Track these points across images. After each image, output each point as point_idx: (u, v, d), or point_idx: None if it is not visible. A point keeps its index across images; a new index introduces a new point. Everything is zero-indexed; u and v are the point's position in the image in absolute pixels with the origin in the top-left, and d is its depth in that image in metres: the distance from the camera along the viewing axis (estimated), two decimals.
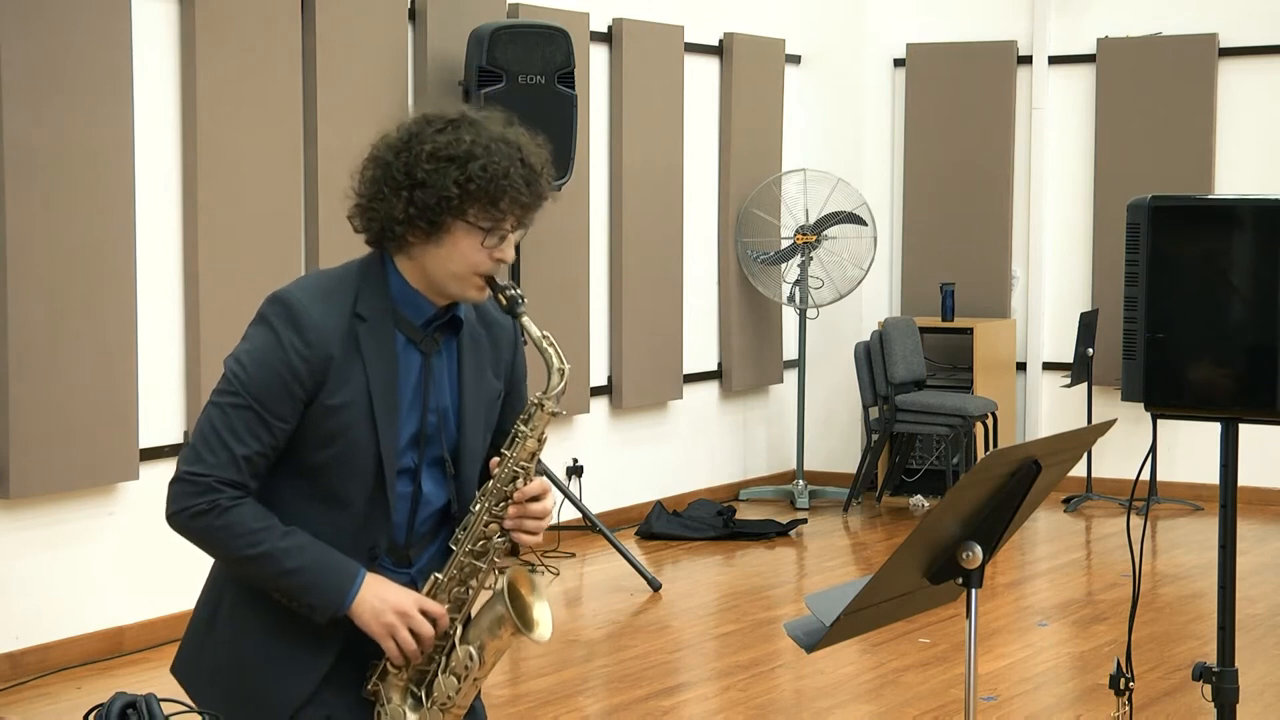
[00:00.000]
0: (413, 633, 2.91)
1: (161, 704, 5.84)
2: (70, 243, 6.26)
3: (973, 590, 3.24)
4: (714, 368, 9.71)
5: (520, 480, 2.93)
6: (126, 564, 6.59)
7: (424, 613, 2.92)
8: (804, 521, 9.13)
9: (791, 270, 9.73)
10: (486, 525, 2.94)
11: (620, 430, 8.98)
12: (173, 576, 6.73)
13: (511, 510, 2.93)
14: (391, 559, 2.98)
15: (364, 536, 2.93)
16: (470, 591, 2.98)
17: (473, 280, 2.90)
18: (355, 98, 7.28)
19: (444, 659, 2.96)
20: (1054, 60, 10.02)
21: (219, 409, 2.87)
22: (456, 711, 2.98)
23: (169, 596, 6.72)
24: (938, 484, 9.55)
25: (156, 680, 6.14)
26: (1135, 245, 3.99)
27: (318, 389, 2.86)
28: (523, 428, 2.94)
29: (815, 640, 3.24)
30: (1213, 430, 4.02)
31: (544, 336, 2.92)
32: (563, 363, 2.94)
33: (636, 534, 8.77)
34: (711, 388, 9.71)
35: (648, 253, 9.05)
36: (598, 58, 8.74)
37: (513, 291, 2.91)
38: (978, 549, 3.20)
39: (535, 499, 2.94)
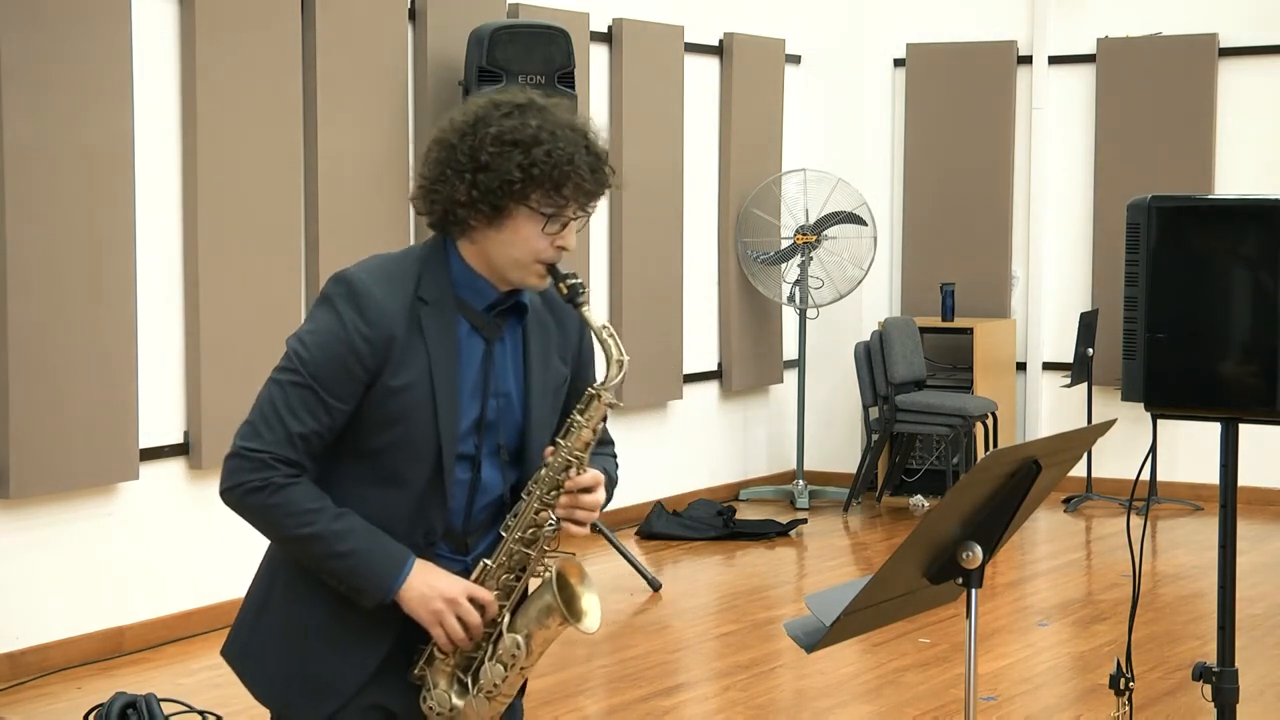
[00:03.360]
0: (461, 620, 2.90)
1: (161, 704, 5.84)
2: (70, 243, 6.26)
3: (973, 590, 3.25)
4: (714, 368, 9.71)
5: (573, 469, 2.93)
6: (126, 564, 6.58)
7: (472, 600, 2.91)
8: (804, 521, 9.14)
9: (791, 270, 9.73)
10: (537, 513, 2.94)
11: (620, 430, 8.93)
12: (173, 576, 6.74)
13: (563, 499, 2.93)
14: (449, 545, 2.97)
15: (420, 520, 2.92)
16: (519, 579, 2.96)
17: (534, 267, 2.90)
18: (355, 98, 7.28)
19: (491, 646, 2.95)
20: (1054, 60, 10.02)
21: (279, 386, 2.86)
22: (501, 700, 2.97)
23: (169, 596, 6.72)
24: (938, 484, 9.55)
25: (156, 680, 6.14)
26: (1135, 245, 3.99)
27: (379, 370, 2.85)
28: (578, 417, 2.94)
29: (815, 640, 3.24)
30: (1213, 430, 4.02)
31: (604, 327, 2.93)
32: (622, 354, 2.94)
33: (636, 534, 8.78)
34: (711, 388, 9.71)
35: (648, 253, 9.05)
36: (598, 58, 8.74)
37: (574, 280, 2.91)
38: (978, 549, 3.20)
39: (588, 490, 2.94)
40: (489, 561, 2.95)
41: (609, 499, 3.10)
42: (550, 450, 2.94)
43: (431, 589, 2.89)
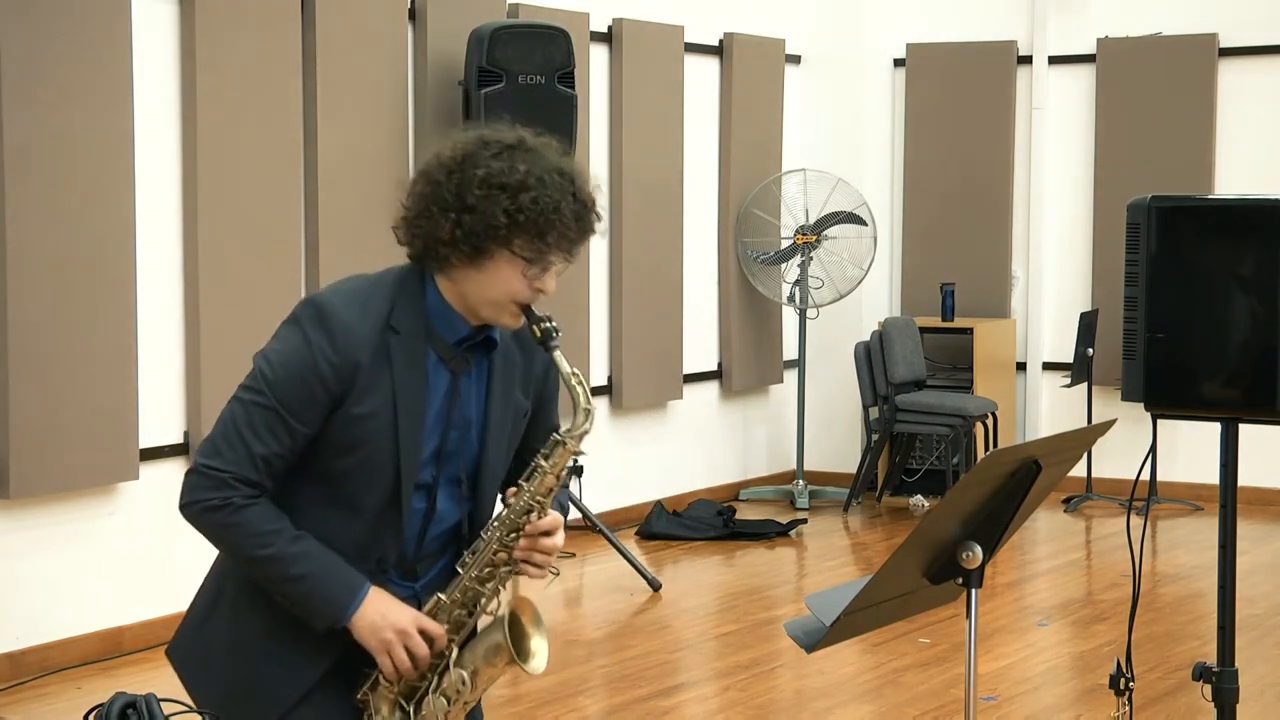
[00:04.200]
0: (409, 652, 2.91)
1: (161, 704, 5.84)
2: (70, 243, 6.26)
3: (973, 590, 3.25)
4: (714, 368, 9.71)
5: (534, 514, 2.92)
6: (126, 564, 6.59)
7: (422, 632, 2.92)
8: (804, 521, 9.13)
9: (791, 270, 9.73)
10: (496, 554, 2.94)
11: (620, 430, 8.98)
12: (173, 576, 6.73)
13: (522, 542, 2.93)
14: (398, 572, 2.98)
15: (373, 547, 2.93)
16: (471, 615, 2.98)
17: (509, 308, 2.88)
18: (355, 98, 7.28)
19: (436, 679, 2.96)
20: (1054, 60, 10.02)
21: (242, 405, 2.86)
22: None
23: (169, 596, 6.71)
24: (938, 484, 9.55)
25: (156, 680, 6.13)
26: (1135, 245, 3.99)
27: (344, 395, 2.85)
28: (543, 462, 2.92)
29: (815, 640, 3.24)
30: (1213, 430, 4.02)
31: (573, 374, 2.91)
32: (589, 402, 2.92)
33: (636, 534, 8.78)
34: (711, 388, 9.71)
35: (648, 253, 9.05)
36: (598, 58, 8.74)
37: (548, 324, 2.89)
38: (978, 549, 3.20)
39: (547, 534, 2.93)
40: (443, 596, 2.96)
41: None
42: (513, 492, 2.94)
43: (383, 618, 2.89)
